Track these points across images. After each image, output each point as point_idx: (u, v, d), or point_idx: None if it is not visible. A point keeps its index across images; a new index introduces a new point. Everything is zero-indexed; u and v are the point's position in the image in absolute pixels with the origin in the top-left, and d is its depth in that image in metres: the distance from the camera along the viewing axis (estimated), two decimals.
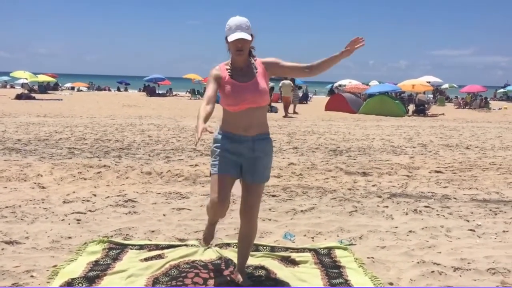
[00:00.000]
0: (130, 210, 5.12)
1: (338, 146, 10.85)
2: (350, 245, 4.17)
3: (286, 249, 3.95)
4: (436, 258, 3.87)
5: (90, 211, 5.03)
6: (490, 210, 5.49)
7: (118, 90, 50.04)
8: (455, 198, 6.05)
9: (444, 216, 5.21)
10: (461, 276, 3.54)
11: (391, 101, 22.90)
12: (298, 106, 23.02)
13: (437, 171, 7.93)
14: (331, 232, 4.58)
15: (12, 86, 44.35)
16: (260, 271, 3.46)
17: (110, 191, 5.97)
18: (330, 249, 3.95)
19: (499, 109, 31.15)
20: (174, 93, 40.95)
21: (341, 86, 34.84)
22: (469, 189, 6.66)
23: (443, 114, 24.28)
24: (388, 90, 25.23)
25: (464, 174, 7.74)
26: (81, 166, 7.35)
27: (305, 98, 32.35)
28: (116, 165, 7.62)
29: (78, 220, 4.70)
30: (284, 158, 8.83)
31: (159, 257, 3.72)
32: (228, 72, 3.14)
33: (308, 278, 3.37)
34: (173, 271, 3.46)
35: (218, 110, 3.12)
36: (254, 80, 3.12)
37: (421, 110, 23.37)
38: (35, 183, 6.23)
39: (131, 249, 3.88)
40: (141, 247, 3.92)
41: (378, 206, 5.55)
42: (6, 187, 5.98)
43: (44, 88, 36.71)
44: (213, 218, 3.34)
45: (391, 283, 3.36)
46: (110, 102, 26.75)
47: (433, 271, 3.55)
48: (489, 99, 34.90)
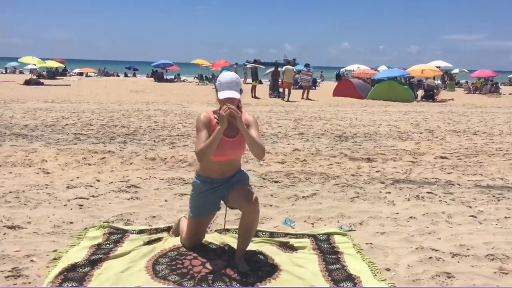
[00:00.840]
0: (132, 195, 5.16)
1: (344, 132, 10.81)
2: (349, 231, 4.17)
3: (285, 235, 3.96)
4: (435, 244, 3.86)
5: (93, 197, 5.07)
6: (493, 196, 5.46)
7: (126, 75, 50.08)
8: (459, 184, 6.02)
9: (446, 202, 5.19)
10: (459, 262, 3.53)
11: (400, 86, 22.73)
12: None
13: (442, 157, 7.89)
14: (332, 218, 4.58)
15: (21, 72, 44.51)
16: (258, 257, 3.48)
17: (114, 177, 6.00)
18: (329, 235, 3.95)
19: (510, 94, 30.82)
20: (182, 78, 40.91)
21: (347, 71, 34.62)
22: (473, 175, 6.63)
23: (453, 99, 24.07)
24: (396, 75, 25.00)
25: (469, 160, 7.69)
26: (86, 152, 7.39)
27: (313, 84, 32.18)
28: (121, 150, 7.66)
29: (80, 205, 4.74)
30: (289, 144, 8.82)
31: (159, 240, 3.76)
32: (216, 122, 3.29)
33: (305, 263, 3.38)
34: (172, 253, 3.50)
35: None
36: (239, 136, 3.30)
37: (430, 95, 23.19)
38: (40, 169, 6.29)
39: (132, 233, 3.92)
40: (141, 232, 3.96)
41: (380, 192, 5.54)
42: (11, 173, 6.04)
43: (52, 73, 36.81)
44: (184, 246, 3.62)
45: (388, 269, 3.36)
46: (117, 88, 26.80)
47: (430, 257, 3.55)
48: (500, 84, 34.51)
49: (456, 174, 6.67)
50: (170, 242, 3.72)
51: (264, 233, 3.99)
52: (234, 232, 3.88)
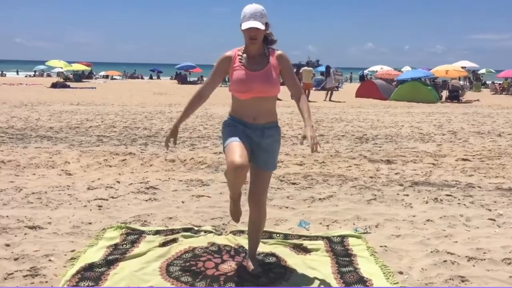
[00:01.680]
0: (150, 197, 5.24)
1: (365, 133, 10.75)
2: (364, 233, 4.16)
3: (299, 236, 3.98)
4: (451, 248, 3.82)
5: (112, 198, 5.17)
6: None
7: (151, 78, 50.67)
8: (479, 187, 5.94)
9: (465, 205, 5.13)
10: (474, 266, 3.49)
11: (424, 87, 22.46)
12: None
13: (464, 159, 7.78)
14: (347, 220, 4.57)
15: (48, 75, 45.49)
16: (270, 258, 3.51)
17: (134, 178, 6.10)
18: (343, 237, 3.95)
19: None
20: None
21: (370, 72, 34.36)
22: (495, 177, 6.52)
23: (478, 100, 23.66)
24: (420, 76, 24.71)
25: (492, 162, 7.57)
26: (107, 154, 7.53)
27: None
28: (141, 152, 7.77)
29: (99, 206, 4.84)
30: (308, 146, 8.78)
31: (174, 241, 3.81)
32: (239, 58, 3.14)
33: (317, 265, 3.39)
34: (186, 255, 3.56)
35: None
36: (265, 69, 3.11)
37: (454, 96, 22.84)
38: (62, 170, 6.43)
39: (148, 234, 3.99)
40: (157, 232, 4.02)
41: (398, 194, 5.50)
42: (34, 174, 6.19)
43: (79, 76, 37.51)
44: (233, 183, 3.12)
45: (401, 272, 3.35)
46: (142, 90, 27.14)
47: (445, 261, 3.52)
48: None
49: (477, 176, 6.57)
50: (186, 243, 3.78)
51: (278, 235, 4.02)
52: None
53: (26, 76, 48.52)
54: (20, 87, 27.73)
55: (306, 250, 3.69)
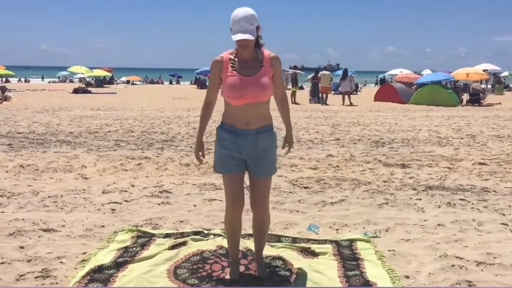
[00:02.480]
0: (163, 200, 5.31)
1: (382, 137, 10.69)
2: (374, 237, 4.16)
3: (308, 240, 4.00)
4: (460, 252, 3.80)
5: (126, 201, 5.26)
6: None
7: (170, 83, 51.13)
8: (495, 191, 5.87)
9: (478, 209, 5.08)
10: (483, 270, 3.46)
11: (443, 90, 22.19)
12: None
13: (481, 163, 7.69)
14: (357, 224, 4.57)
15: (71, 81, 46.25)
16: (277, 262, 3.54)
17: (148, 182, 6.19)
18: (351, 241, 3.96)
19: None
20: None
21: (390, 75, 34.12)
22: None
23: (500, 103, 23.28)
24: (440, 79, 24.44)
25: (509, 166, 7.46)
26: (123, 158, 7.64)
27: (354, 89, 31.90)
28: (157, 156, 7.87)
29: (113, 209, 4.93)
30: (323, 150, 8.81)
31: (183, 244, 3.87)
32: (231, 63, 3.08)
33: (324, 269, 3.41)
34: (195, 258, 3.61)
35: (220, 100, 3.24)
36: (258, 75, 3.05)
37: (475, 99, 22.52)
38: (79, 174, 6.56)
39: (158, 237, 4.05)
40: (167, 235, 4.08)
41: (410, 198, 5.47)
42: (52, 178, 6.33)
43: (100, 82, 38.09)
44: (231, 219, 3.22)
45: (407, 276, 3.34)
46: (161, 95, 27.41)
47: (453, 265, 3.50)
48: None
49: (493, 180, 6.49)
50: (194, 246, 3.83)
51: (286, 238, 4.04)
52: None
53: (49, 82, 49.41)
54: (43, 93, 28.28)
55: (314, 254, 3.71)
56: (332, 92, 25.34)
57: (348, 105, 20.85)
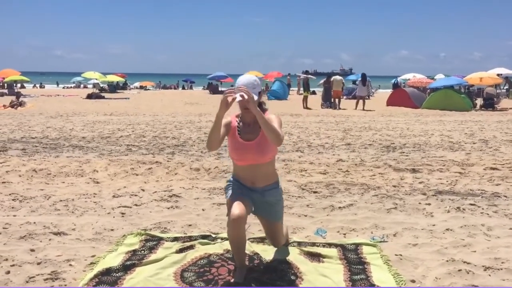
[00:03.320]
0: (172, 204, 5.36)
1: (393, 142, 10.65)
2: (381, 242, 4.16)
3: (314, 244, 4.01)
4: (468, 257, 3.78)
5: (136, 205, 5.31)
6: None
7: (183, 88, 51.39)
8: (506, 196, 5.82)
9: (488, 214, 5.05)
10: (490, 275, 3.45)
11: (456, 95, 22.03)
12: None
13: (492, 168, 7.63)
14: (365, 229, 4.57)
15: (85, 86, 46.72)
16: (283, 265, 3.55)
17: (158, 186, 6.25)
18: (357, 245, 3.96)
19: None
20: None
21: (403, 80, 33.96)
22: None
23: None
24: (453, 84, 24.27)
25: None
26: (134, 163, 7.71)
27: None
28: (168, 161, 7.93)
29: (122, 213, 4.99)
30: (334, 155, 8.81)
31: (191, 248, 3.90)
32: (237, 125, 3.32)
33: (329, 273, 3.42)
34: (202, 261, 3.64)
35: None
36: (258, 139, 3.24)
37: (489, 104, 22.32)
38: (91, 178, 6.64)
39: (166, 241, 4.09)
40: (175, 239, 4.12)
41: (419, 203, 5.45)
42: (64, 182, 6.42)
43: (114, 87, 38.42)
44: (233, 235, 3.20)
45: (413, 280, 3.34)
46: (174, 100, 27.58)
47: (460, 270, 3.49)
48: None
49: (504, 185, 6.44)
50: (202, 250, 3.86)
51: (293, 242, 4.05)
52: (266, 241, 3.98)
53: (63, 87, 49.96)
54: (57, 98, 28.62)
55: (320, 258, 3.72)
56: (344, 97, 25.28)
57: (360, 109, 20.80)
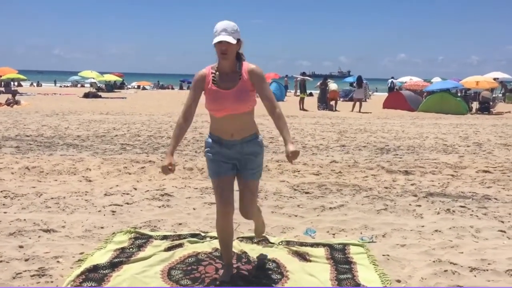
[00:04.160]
0: (164, 203, 5.37)
1: (387, 144, 10.68)
2: (370, 242, 4.18)
3: (302, 243, 4.02)
4: (455, 258, 3.81)
5: (127, 204, 5.32)
6: None
7: (181, 88, 51.36)
8: (496, 199, 5.85)
9: (477, 216, 5.07)
10: (475, 276, 3.47)
11: (452, 98, 22.09)
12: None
13: (485, 171, 7.66)
14: (355, 229, 4.59)
15: (82, 85, 46.65)
16: (271, 264, 3.57)
17: (151, 185, 6.25)
18: (345, 245, 3.98)
19: None
20: None
21: (399, 83, 34.00)
22: None
23: (510, 112, 23.11)
24: (449, 87, 24.32)
25: None
26: (128, 161, 7.72)
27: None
28: (161, 160, 7.93)
29: (113, 211, 5.00)
30: (328, 156, 8.83)
31: (180, 246, 3.92)
32: (212, 76, 3.18)
33: (316, 272, 3.43)
34: (190, 259, 3.65)
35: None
36: (237, 87, 3.13)
37: (485, 107, 22.40)
38: (83, 177, 6.64)
39: (156, 239, 4.10)
40: (164, 237, 4.13)
41: (410, 205, 5.47)
42: (56, 180, 6.42)
43: (111, 87, 38.38)
44: (221, 225, 3.25)
45: (399, 280, 3.36)
46: (170, 100, 27.54)
47: (446, 270, 3.51)
48: None
49: (495, 188, 6.47)
50: (190, 248, 3.87)
51: (281, 241, 4.07)
52: (254, 240, 4.01)
53: (60, 86, 49.90)
54: (53, 97, 28.58)
55: (308, 257, 3.74)
56: (341, 99, 25.34)
57: (357, 112, 20.84)
